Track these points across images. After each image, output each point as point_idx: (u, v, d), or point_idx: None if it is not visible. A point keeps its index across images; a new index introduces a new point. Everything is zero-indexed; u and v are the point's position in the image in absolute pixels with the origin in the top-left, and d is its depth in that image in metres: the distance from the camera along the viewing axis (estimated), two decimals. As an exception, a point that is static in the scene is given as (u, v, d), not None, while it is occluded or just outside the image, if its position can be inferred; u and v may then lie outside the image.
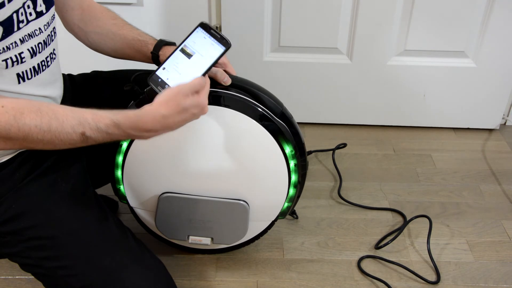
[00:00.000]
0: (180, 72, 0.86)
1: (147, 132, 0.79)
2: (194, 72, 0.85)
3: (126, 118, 0.77)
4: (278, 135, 0.99)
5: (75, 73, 1.12)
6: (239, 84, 1.00)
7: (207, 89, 0.85)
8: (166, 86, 0.84)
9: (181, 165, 1.02)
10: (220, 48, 0.86)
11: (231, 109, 0.96)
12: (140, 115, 0.78)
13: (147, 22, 1.56)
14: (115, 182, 1.07)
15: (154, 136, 0.81)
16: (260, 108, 0.98)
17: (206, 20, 0.89)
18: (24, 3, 0.79)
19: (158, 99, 0.80)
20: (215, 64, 0.87)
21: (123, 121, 0.77)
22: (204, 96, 0.83)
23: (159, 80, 0.85)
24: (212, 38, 0.87)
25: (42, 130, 0.72)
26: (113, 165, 1.04)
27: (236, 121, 0.97)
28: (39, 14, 0.84)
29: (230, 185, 1.04)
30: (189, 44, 0.88)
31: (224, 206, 1.05)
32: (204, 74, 0.85)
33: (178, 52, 0.87)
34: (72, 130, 0.74)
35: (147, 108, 0.79)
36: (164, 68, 0.86)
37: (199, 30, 0.88)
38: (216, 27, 1.58)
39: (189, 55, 0.87)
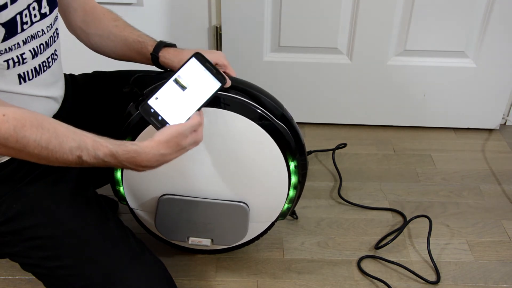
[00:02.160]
0: (174, 105, 0.83)
1: (142, 167, 0.80)
2: (189, 107, 0.83)
3: (125, 152, 0.76)
4: (278, 137, 0.99)
5: (76, 73, 1.12)
6: (239, 86, 1.00)
7: (203, 124, 0.85)
8: (159, 117, 0.82)
9: (181, 167, 1.02)
10: (215, 84, 0.85)
11: (231, 111, 0.96)
12: (139, 152, 0.77)
13: (147, 22, 1.56)
14: (115, 184, 1.07)
15: (150, 170, 0.81)
16: (260, 110, 0.98)
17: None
18: (29, 5, 0.80)
19: (158, 137, 0.79)
20: (211, 99, 0.85)
21: (122, 154, 0.76)
22: (201, 133, 0.84)
23: (152, 110, 0.82)
24: (208, 72, 0.85)
25: (40, 146, 0.72)
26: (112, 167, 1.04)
27: (236, 123, 0.97)
28: (43, 16, 0.84)
29: (230, 187, 1.04)
30: (183, 75, 0.85)
31: (224, 208, 1.05)
32: (199, 110, 0.84)
33: (171, 82, 0.84)
34: (70, 152, 0.74)
35: (146, 144, 0.78)
36: (157, 98, 0.83)
37: (194, 61, 0.85)
38: (217, 27, 1.58)
39: (183, 87, 0.84)
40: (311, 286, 1.18)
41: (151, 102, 0.83)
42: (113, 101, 1.07)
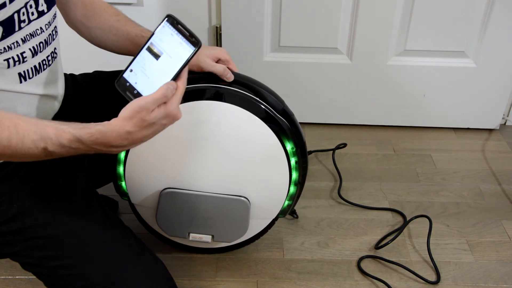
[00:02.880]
0: (148, 76, 0.77)
1: (114, 148, 0.75)
2: (163, 76, 0.77)
3: (90, 134, 0.72)
4: (280, 132, 0.99)
5: (77, 73, 1.12)
6: (241, 81, 1.01)
7: (178, 95, 0.77)
8: (135, 91, 0.77)
9: (183, 161, 1.02)
10: (189, 48, 0.77)
11: (233, 105, 0.96)
12: (103, 132, 0.72)
13: (147, 22, 1.55)
14: (116, 179, 1.07)
15: (124, 150, 0.77)
16: (262, 105, 0.99)
17: (174, 14, 0.81)
18: (26, 3, 0.80)
19: (122, 114, 0.73)
20: (185, 66, 0.77)
21: (87, 137, 0.72)
22: (173, 105, 0.75)
23: (127, 84, 0.77)
24: (180, 36, 0.78)
25: (2, 145, 0.70)
26: (115, 161, 1.04)
27: (238, 117, 0.97)
28: (41, 14, 0.84)
29: (231, 181, 1.04)
30: (155, 42, 0.78)
31: (225, 202, 1.05)
32: (174, 79, 0.77)
33: (144, 51, 0.78)
34: (34, 145, 0.71)
35: (112, 123, 0.74)
36: (131, 70, 0.77)
37: (165, 25, 0.78)
38: (216, 27, 1.58)
39: (156, 56, 0.78)
40: (311, 286, 1.18)
41: (126, 75, 0.77)
42: (113, 101, 1.06)
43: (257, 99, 0.99)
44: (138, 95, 0.76)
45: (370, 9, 1.52)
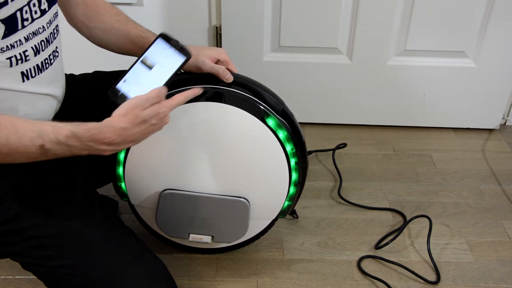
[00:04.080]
0: (141, 84, 0.84)
1: (108, 145, 0.78)
2: (155, 84, 0.84)
3: (86, 130, 0.75)
4: (279, 132, 0.99)
5: (77, 73, 1.12)
6: (241, 82, 1.01)
7: (173, 102, 0.83)
8: (127, 99, 0.82)
9: (183, 162, 1.02)
10: (180, 58, 0.85)
11: (232, 106, 0.96)
12: (100, 128, 0.76)
13: (147, 22, 1.54)
14: (116, 180, 1.07)
15: (114, 151, 0.80)
16: (262, 106, 0.99)
17: (166, 31, 0.88)
18: (29, 2, 0.80)
19: (116, 112, 0.79)
20: (176, 74, 0.85)
21: (83, 133, 0.75)
22: (164, 107, 0.81)
23: (120, 93, 0.83)
24: (173, 49, 0.86)
25: (0, 144, 0.71)
26: (114, 163, 1.04)
27: (238, 118, 0.97)
28: (43, 12, 0.84)
29: (231, 182, 1.04)
30: (149, 56, 0.86)
31: (225, 203, 1.05)
32: (165, 85, 0.84)
33: (138, 64, 0.85)
34: (31, 143, 0.72)
35: (107, 119, 0.78)
36: (125, 81, 0.84)
37: (160, 41, 0.87)
38: (217, 27, 1.58)
39: (149, 67, 0.85)
40: (311, 286, 1.18)
41: (119, 85, 0.84)
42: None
43: (257, 100, 0.99)
44: None
45: (370, 9, 1.52)
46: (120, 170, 1.04)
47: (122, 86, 0.84)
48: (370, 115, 1.74)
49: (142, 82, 0.84)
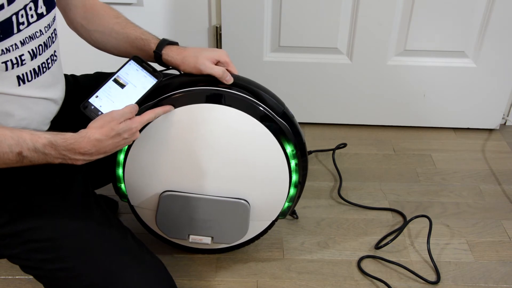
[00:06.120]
0: (114, 101, 0.89)
1: (82, 155, 0.81)
2: (127, 101, 0.89)
3: (64, 139, 0.79)
4: (279, 134, 0.99)
5: (78, 74, 1.12)
6: (241, 83, 1.00)
7: (144, 118, 0.88)
8: (100, 113, 0.88)
9: (183, 164, 1.02)
10: (152, 80, 0.92)
11: (232, 108, 0.96)
12: (76, 138, 0.80)
13: (147, 23, 1.54)
14: (116, 181, 1.07)
15: (87, 162, 0.83)
16: (262, 107, 0.98)
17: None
18: (25, 5, 0.79)
19: (93, 124, 0.83)
20: (147, 94, 0.91)
21: (60, 142, 0.78)
22: (135, 122, 0.86)
23: (92, 107, 0.88)
24: (145, 71, 0.93)
25: None
26: (114, 164, 1.04)
27: (238, 119, 0.97)
28: (40, 16, 0.84)
29: (231, 184, 1.04)
30: (122, 75, 0.92)
31: (225, 205, 1.05)
32: (137, 103, 0.89)
33: (111, 82, 0.91)
34: (9, 149, 0.75)
35: (84, 130, 0.81)
36: (97, 96, 0.89)
37: (132, 63, 0.93)
38: (217, 27, 1.58)
39: (122, 85, 0.91)
40: (311, 286, 1.18)
41: (92, 100, 0.89)
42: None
43: (257, 101, 0.99)
44: None
45: (370, 9, 1.52)
46: (120, 171, 1.04)
47: (95, 100, 0.89)
48: (370, 115, 1.74)
49: (115, 98, 0.90)
